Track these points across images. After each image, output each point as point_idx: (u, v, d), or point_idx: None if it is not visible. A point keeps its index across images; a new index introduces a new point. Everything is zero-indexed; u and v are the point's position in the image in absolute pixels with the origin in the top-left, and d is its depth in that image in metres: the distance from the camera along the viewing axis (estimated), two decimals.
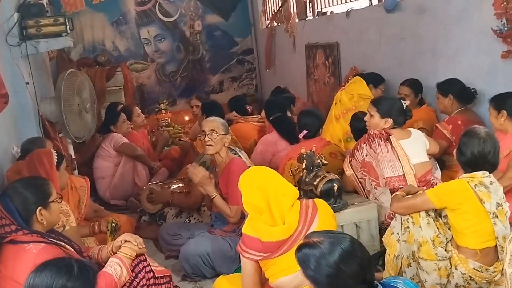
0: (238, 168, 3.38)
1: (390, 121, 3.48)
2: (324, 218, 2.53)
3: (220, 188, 3.52)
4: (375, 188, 3.48)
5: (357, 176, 3.59)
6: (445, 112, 4.13)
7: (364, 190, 3.59)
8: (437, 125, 4.02)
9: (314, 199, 2.66)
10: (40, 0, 4.59)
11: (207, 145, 3.46)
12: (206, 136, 3.47)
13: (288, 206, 2.51)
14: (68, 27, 4.10)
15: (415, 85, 4.51)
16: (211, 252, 3.36)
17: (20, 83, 3.82)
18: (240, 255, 2.59)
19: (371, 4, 5.47)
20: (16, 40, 3.85)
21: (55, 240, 2.37)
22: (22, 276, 2.04)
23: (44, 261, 1.98)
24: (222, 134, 3.49)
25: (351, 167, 3.62)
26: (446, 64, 4.34)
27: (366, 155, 3.50)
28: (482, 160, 2.67)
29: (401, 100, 3.58)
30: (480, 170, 2.67)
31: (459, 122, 3.83)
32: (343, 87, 4.81)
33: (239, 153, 3.98)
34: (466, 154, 2.70)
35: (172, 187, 4.43)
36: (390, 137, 3.42)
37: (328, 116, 4.71)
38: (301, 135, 4.01)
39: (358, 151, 3.56)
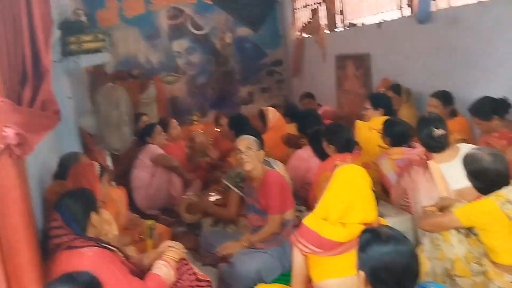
0: (275, 178, 3.54)
1: None
2: None
3: (259, 202, 3.57)
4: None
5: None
6: (489, 132, 3.77)
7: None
8: (489, 141, 3.64)
9: (381, 219, 2.68)
10: (80, 17, 4.76)
11: (245, 162, 3.53)
12: (243, 153, 3.54)
13: (360, 219, 2.49)
14: (107, 43, 4.24)
15: (443, 97, 4.41)
16: (261, 270, 3.36)
17: (62, 97, 3.94)
18: (292, 246, 2.61)
19: (403, 15, 5.47)
20: (58, 56, 3.99)
21: (108, 246, 2.49)
22: None
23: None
24: (257, 150, 3.57)
25: (397, 193, 3.51)
26: (481, 76, 4.30)
27: (406, 184, 3.39)
28: (500, 178, 2.63)
29: (433, 128, 3.25)
30: (501, 188, 2.63)
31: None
32: None
33: (274, 165, 4.01)
34: (482, 181, 2.68)
35: (210, 199, 4.47)
36: (428, 162, 3.23)
37: None
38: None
39: (402, 178, 3.44)
